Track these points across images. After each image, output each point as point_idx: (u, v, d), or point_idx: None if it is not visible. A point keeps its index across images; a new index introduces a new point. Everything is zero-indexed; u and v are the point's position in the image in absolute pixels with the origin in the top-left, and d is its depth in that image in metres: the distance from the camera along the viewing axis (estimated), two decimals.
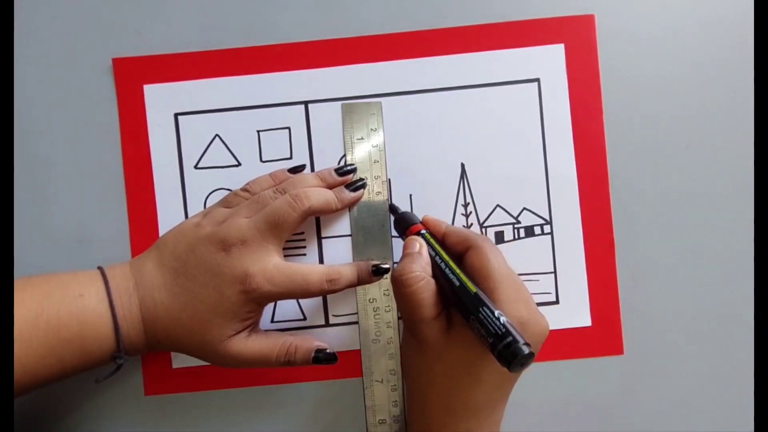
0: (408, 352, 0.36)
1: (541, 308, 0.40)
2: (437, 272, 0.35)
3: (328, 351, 0.36)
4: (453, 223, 0.40)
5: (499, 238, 0.40)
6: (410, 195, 0.40)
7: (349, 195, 0.39)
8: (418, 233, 0.37)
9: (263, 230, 0.34)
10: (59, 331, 0.32)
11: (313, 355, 0.36)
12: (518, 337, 0.30)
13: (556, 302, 0.40)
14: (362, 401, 0.40)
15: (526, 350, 0.29)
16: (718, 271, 0.41)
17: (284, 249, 0.37)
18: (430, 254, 0.35)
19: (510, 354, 0.29)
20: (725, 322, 0.41)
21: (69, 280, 0.34)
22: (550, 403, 0.40)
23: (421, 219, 0.38)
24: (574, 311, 0.40)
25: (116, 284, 0.34)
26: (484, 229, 0.40)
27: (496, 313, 0.31)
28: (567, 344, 0.40)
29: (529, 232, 0.41)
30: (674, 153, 0.41)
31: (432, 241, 0.36)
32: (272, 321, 0.40)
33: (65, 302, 0.33)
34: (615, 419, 0.41)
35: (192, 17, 0.40)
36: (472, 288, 0.33)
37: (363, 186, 0.39)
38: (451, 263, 0.34)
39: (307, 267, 0.35)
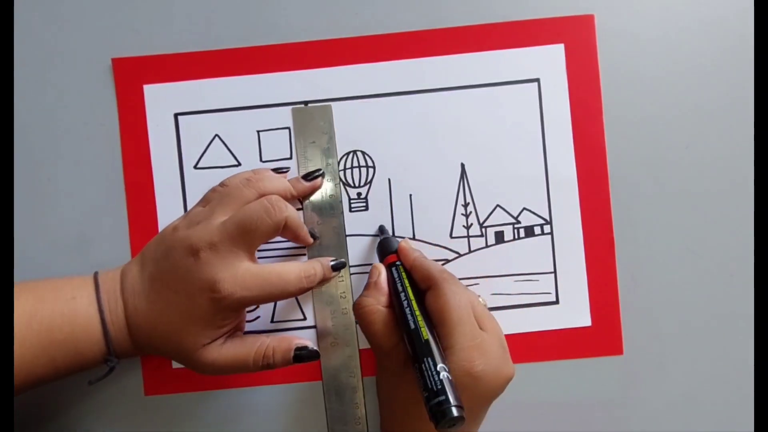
0: (377, 374, 0.38)
1: (541, 308, 0.40)
2: (399, 308, 0.35)
3: (309, 348, 0.35)
4: (453, 224, 0.40)
5: (499, 238, 0.40)
6: (410, 195, 0.40)
7: (304, 184, 0.39)
8: (394, 263, 0.37)
9: (234, 235, 0.33)
10: (51, 332, 0.32)
11: (292, 354, 0.35)
12: (451, 398, 0.29)
13: (556, 302, 0.40)
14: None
15: (455, 413, 0.29)
16: (718, 271, 0.41)
17: (285, 249, 0.37)
18: (396, 288, 0.36)
19: (439, 413, 0.29)
20: (725, 322, 0.41)
21: (63, 284, 0.34)
22: (550, 403, 0.40)
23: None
24: (574, 311, 0.40)
25: (106, 288, 0.34)
26: (484, 229, 0.40)
27: (438, 366, 0.31)
28: (567, 344, 0.40)
29: (529, 232, 0.41)
30: (674, 153, 0.41)
31: (403, 274, 0.36)
32: (272, 321, 0.40)
33: (58, 304, 0.33)
34: (615, 419, 0.40)
35: (192, 17, 0.40)
36: (425, 335, 0.32)
37: (321, 175, 0.39)
38: (414, 304, 0.34)
39: (282, 265, 0.34)
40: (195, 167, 0.40)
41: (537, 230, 0.41)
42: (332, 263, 0.37)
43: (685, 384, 0.41)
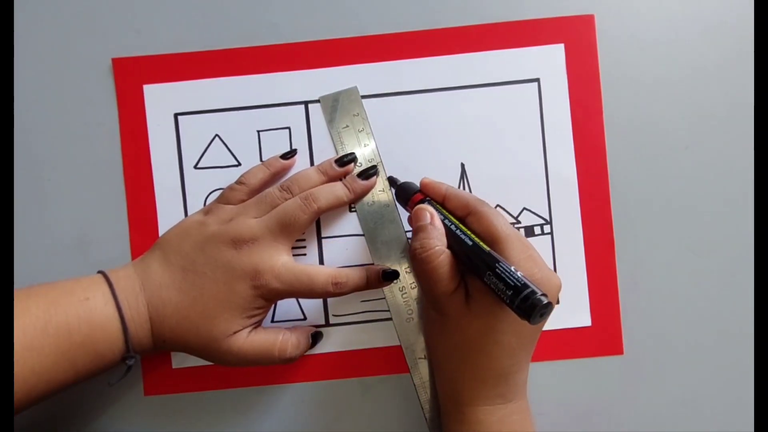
0: (429, 326, 0.37)
1: None
2: (449, 237, 0.35)
3: (316, 331, 0.39)
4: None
5: None
6: None
7: (361, 184, 0.39)
8: (422, 201, 0.37)
9: (274, 230, 0.35)
10: (70, 335, 0.32)
11: (310, 340, 0.38)
12: (536, 289, 0.30)
13: (557, 302, 0.40)
14: (361, 402, 0.40)
15: (544, 300, 0.29)
16: (718, 271, 0.41)
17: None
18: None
19: (529, 306, 0.29)
20: (725, 322, 0.41)
21: (73, 285, 0.34)
22: (550, 403, 0.40)
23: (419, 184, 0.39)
24: (574, 311, 0.40)
25: (121, 286, 0.34)
26: None
27: (512, 268, 0.31)
28: (567, 344, 0.40)
29: (529, 232, 0.41)
30: (674, 153, 0.41)
31: (437, 206, 0.36)
32: (272, 321, 0.40)
33: (72, 307, 0.33)
34: (615, 419, 0.40)
35: (192, 17, 0.40)
36: (485, 247, 0.33)
37: (375, 173, 0.39)
38: (461, 225, 0.35)
39: (314, 268, 0.36)
40: (195, 167, 0.40)
41: (537, 230, 0.41)
42: (383, 273, 0.37)
43: (685, 384, 0.41)
